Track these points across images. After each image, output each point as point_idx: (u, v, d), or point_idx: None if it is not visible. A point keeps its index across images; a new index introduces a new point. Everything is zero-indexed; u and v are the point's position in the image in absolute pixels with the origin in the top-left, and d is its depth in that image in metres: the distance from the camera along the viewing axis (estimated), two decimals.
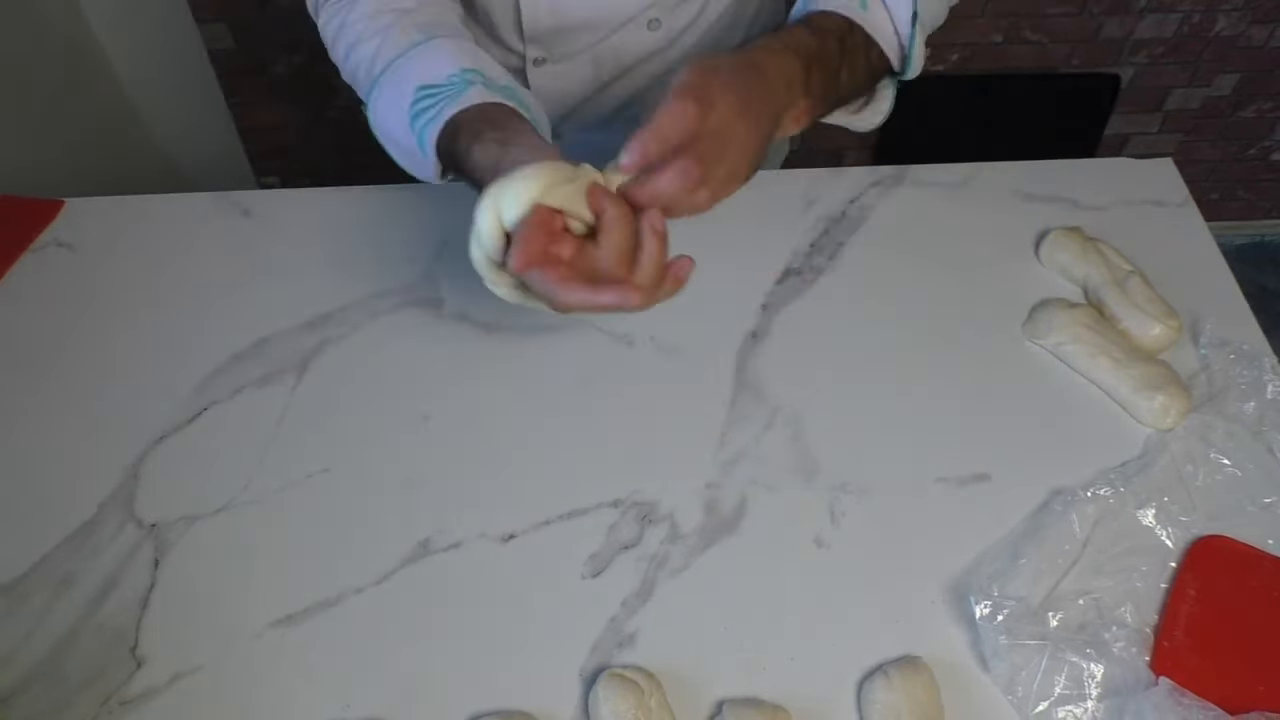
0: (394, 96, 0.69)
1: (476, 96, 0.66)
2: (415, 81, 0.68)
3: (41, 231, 0.86)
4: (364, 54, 0.73)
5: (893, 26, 0.71)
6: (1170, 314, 0.77)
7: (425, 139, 0.67)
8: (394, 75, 0.70)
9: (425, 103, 0.67)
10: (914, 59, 0.72)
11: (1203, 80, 1.88)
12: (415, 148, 0.68)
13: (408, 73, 0.69)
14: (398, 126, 0.69)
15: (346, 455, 0.71)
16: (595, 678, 0.60)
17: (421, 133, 0.67)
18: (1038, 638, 0.60)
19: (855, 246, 0.86)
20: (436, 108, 0.67)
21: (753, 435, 0.73)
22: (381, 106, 0.70)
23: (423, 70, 0.69)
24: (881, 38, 0.70)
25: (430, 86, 0.68)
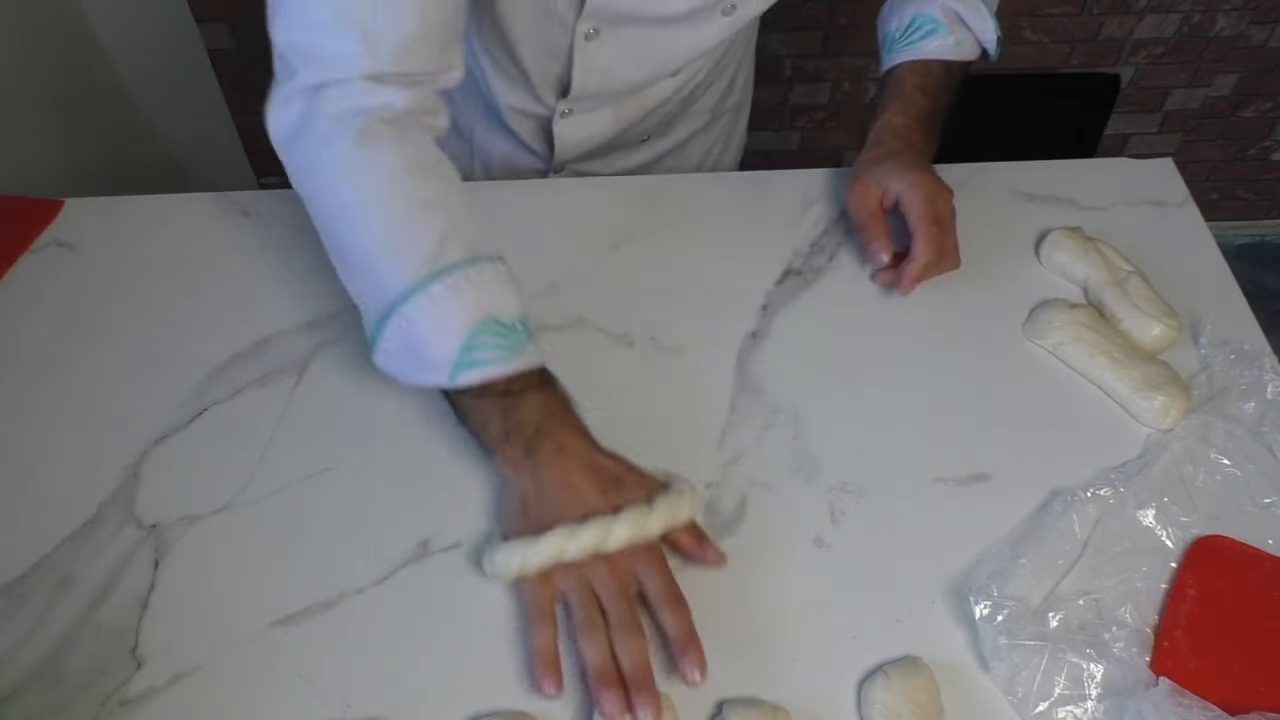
0: (446, 312, 0.63)
1: (535, 356, 0.65)
2: (486, 310, 0.63)
3: (41, 231, 0.86)
4: (409, 228, 0.65)
5: (979, 46, 0.90)
6: (1170, 314, 0.77)
7: (469, 374, 0.63)
8: (451, 289, 0.63)
9: (489, 339, 0.63)
10: (997, 49, 0.90)
11: (1203, 80, 1.88)
12: (443, 367, 0.63)
13: (470, 295, 0.64)
14: (435, 344, 0.63)
15: (346, 455, 0.71)
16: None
17: (469, 365, 0.63)
18: (1037, 638, 0.60)
19: (855, 247, 0.86)
20: (500, 351, 0.63)
21: (753, 435, 0.73)
22: (422, 313, 0.63)
23: (490, 299, 0.64)
24: (973, 56, 0.89)
25: (499, 324, 0.64)
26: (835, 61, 1.76)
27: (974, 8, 0.88)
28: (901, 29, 0.88)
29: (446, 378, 0.64)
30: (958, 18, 0.87)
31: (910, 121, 0.85)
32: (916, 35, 0.87)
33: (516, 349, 0.64)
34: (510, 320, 0.65)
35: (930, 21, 0.87)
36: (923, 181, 0.79)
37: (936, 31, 0.87)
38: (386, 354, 0.66)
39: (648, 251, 0.85)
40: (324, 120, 0.65)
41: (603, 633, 0.60)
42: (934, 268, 0.78)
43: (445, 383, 0.64)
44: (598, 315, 0.80)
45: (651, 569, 0.62)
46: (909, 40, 0.87)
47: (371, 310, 0.66)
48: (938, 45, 0.87)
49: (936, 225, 0.78)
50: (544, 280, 0.82)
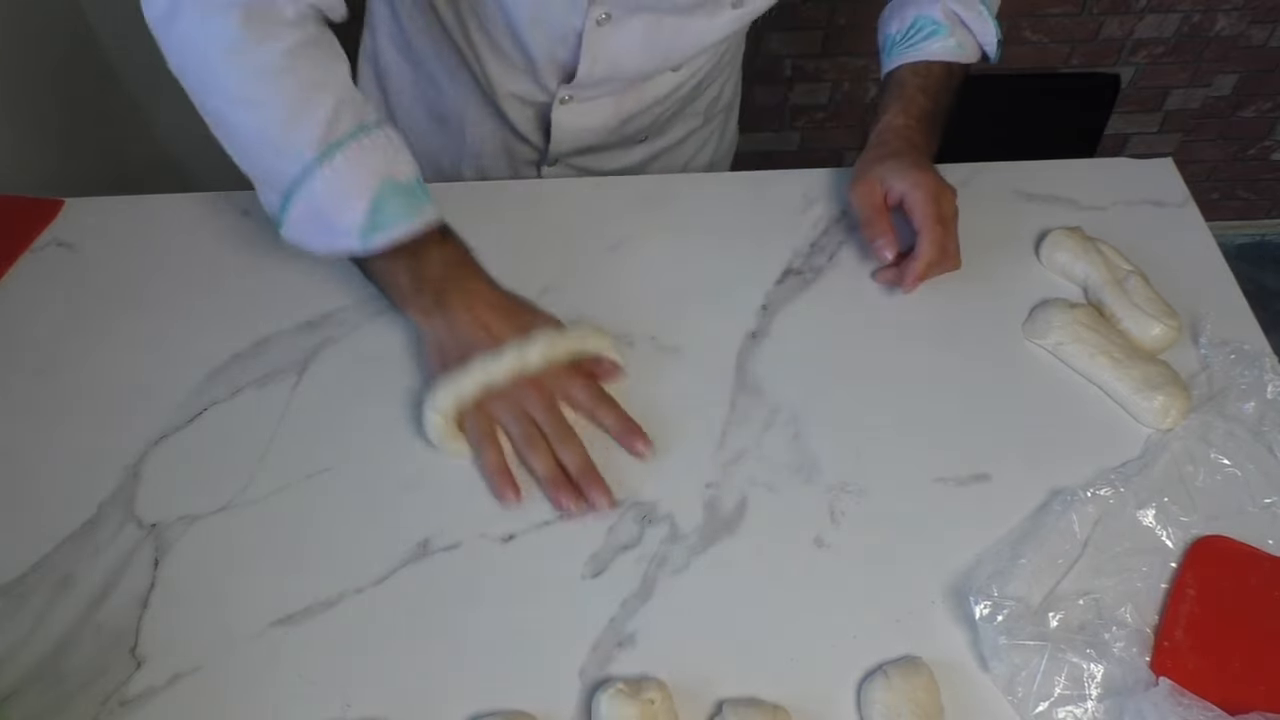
0: (351, 178, 0.68)
1: (433, 213, 0.71)
2: (382, 172, 0.69)
3: (41, 231, 0.86)
4: (299, 110, 0.68)
5: (980, 48, 0.91)
6: (1170, 314, 0.77)
7: (379, 235, 0.69)
8: (351, 157, 0.68)
9: (393, 200, 0.69)
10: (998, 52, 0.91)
11: (1203, 80, 1.88)
12: (354, 232, 0.68)
13: (370, 160, 0.68)
14: (345, 211, 0.68)
15: (346, 455, 0.71)
16: (596, 678, 0.60)
17: (375, 225, 0.68)
18: (1037, 638, 0.60)
19: (855, 246, 0.86)
20: (404, 210, 0.69)
21: (753, 435, 0.73)
22: (328, 184, 0.68)
23: (389, 163, 0.70)
24: (974, 58, 0.90)
25: (398, 184, 0.69)
26: (835, 61, 1.76)
27: (974, 10, 0.88)
28: (902, 31, 0.89)
29: (358, 243, 0.69)
30: (958, 20, 0.88)
31: (912, 122, 0.85)
32: (917, 37, 0.88)
33: (417, 207, 0.70)
34: (407, 180, 0.70)
35: (931, 23, 0.88)
36: (927, 181, 0.80)
37: (937, 33, 0.87)
38: (294, 226, 0.70)
39: (647, 251, 0.85)
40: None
41: (543, 444, 0.68)
42: (936, 267, 0.79)
43: (357, 248, 0.69)
44: (597, 315, 0.80)
45: (573, 381, 0.70)
46: (910, 42, 0.88)
47: (273, 187, 0.70)
48: (938, 46, 0.87)
49: (941, 225, 0.78)
50: (543, 280, 0.82)
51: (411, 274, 0.72)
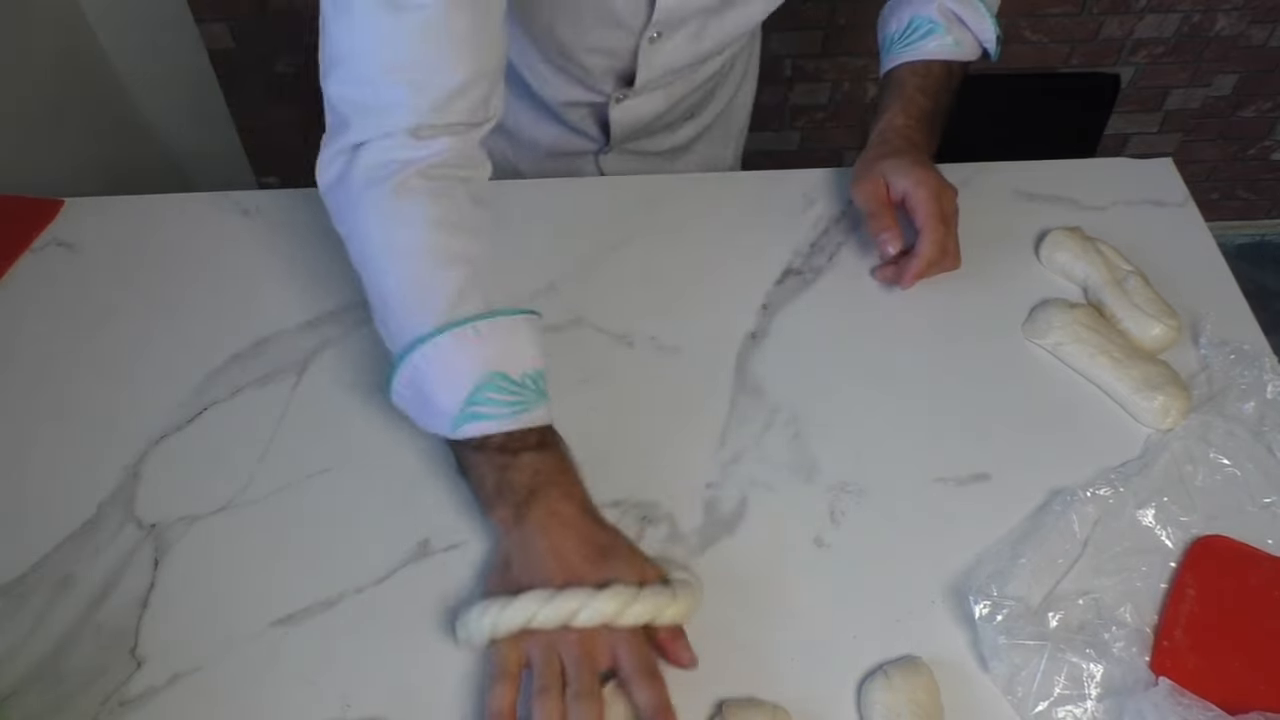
0: (457, 359, 0.63)
1: (542, 415, 0.64)
2: (494, 364, 0.63)
3: (41, 231, 0.86)
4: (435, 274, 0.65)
5: (979, 46, 0.90)
6: (1170, 314, 0.77)
7: (466, 424, 0.63)
8: (464, 339, 0.63)
9: (495, 394, 0.63)
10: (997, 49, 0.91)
11: (1203, 80, 1.88)
12: (447, 416, 0.63)
13: (483, 346, 0.63)
14: (442, 392, 0.63)
15: (346, 455, 0.71)
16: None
17: (472, 415, 0.62)
18: (1037, 638, 0.60)
19: (855, 246, 0.86)
20: (506, 406, 0.63)
21: (753, 435, 0.73)
22: (435, 360, 0.63)
23: (507, 352, 0.64)
24: (973, 55, 0.90)
25: (509, 380, 0.63)
26: (835, 61, 1.76)
27: (972, 8, 0.88)
28: (901, 30, 0.89)
29: (449, 428, 0.63)
30: (956, 18, 0.88)
31: (912, 121, 0.85)
32: (915, 36, 0.88)
33: (522, 406, 0.63)
34: (520, 377, 0.64)
35: (929, 22, 0.87)
36: (929, 179, 0.80)
37: (935, 31, 0.87)
38: (400, 395, 0.66)
39: (648, 251, 0.85)
40: (366, 170, 0.66)
41: (557, 698, 0.57)
42: (936, 266, 0.79)
43: (448, 432, 0.64)
44: (598, 315, 0.80)
45: (627, 645, 0.59)
46: (908, 41, 0.88)
47: (393, 351, 0.66)
48: (936, 45, 0.87)
49: (942, 223, 0.78)
50: (544, 280, 0.82)
51: (498, 477, 0.63)
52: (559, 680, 0.58)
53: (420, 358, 0.63)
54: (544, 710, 0.56)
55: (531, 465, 0.63)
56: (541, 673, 0.58)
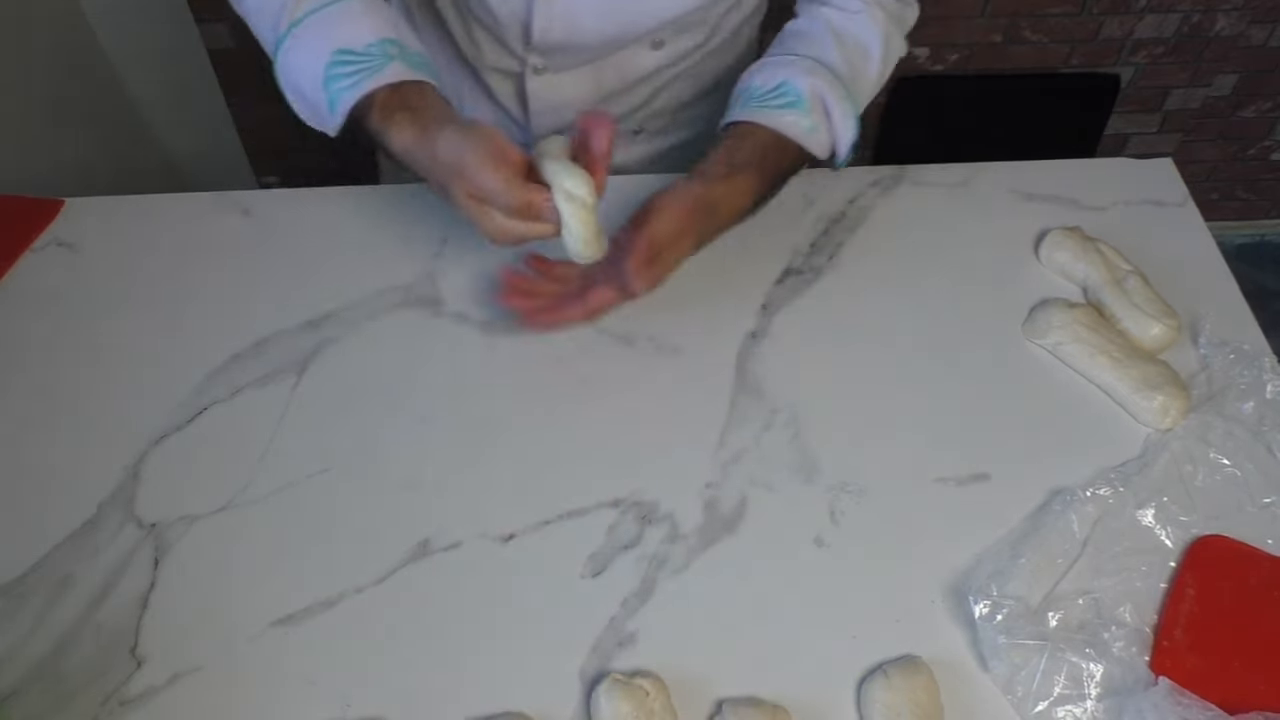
0: (308, 53, 0.71)
1: (394, 74, 0.70)
2: (334, 44, 0.70)
3: (41, 231, 0.86)
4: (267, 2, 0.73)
5: (833, 148, 0.80)
6: (1170, 314, 0.78)
7: (338, 103, 0.70)
8: (310, 31, 0.71)
9: (342, 69, 0.70)
10: (847, 157, 0.82)
11: (1203, 80, 1.88)
12: (323, 107, 0.71)
13: (325, 32, 0.71)
14: (308, 83, 0.71)
15: (346, 455, 0.71)
16: (595, 678, 0.60)
17: (335, 97, 0.70)
18: (1037, 637, 0.60)
19: (855, 246, 0.86)
20: (353, 77, 0.69)
21: (753, 435, 0.73)
22: (293, 60, 0.72)
23: (341, 33, 0.71)
24: (821, 153, 0.79)
25: (349, 52, 0.70)
26: None
27: (842, 102, 0.78)
28: (766, 89, 0.78)
29: (331, 119, 0.71)
30: (823, 105, 0.78)
31: (735, 179, 0.76)
32: (777, 101, 0.77)
33: (370, 71, 0.69)
34: (364, 48, 0.70)
35: (795, 93, 0.77)
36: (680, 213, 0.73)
37: (797, 106, 0.77)
38: (298, 111, 0.74)
39: None
40: None
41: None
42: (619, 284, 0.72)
43: (334, 122, 0.71)
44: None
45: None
46: (766, 103, 0.77)
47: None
48: (792, 120, 0.77)
49: (648, 245, 0.71)
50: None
51: (389, 146, 0.70)
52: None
53: (282, 65, 0.72)
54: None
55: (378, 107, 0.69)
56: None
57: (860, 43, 0.82)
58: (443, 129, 0.67)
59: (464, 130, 0.67)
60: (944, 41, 1.72)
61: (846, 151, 0.80)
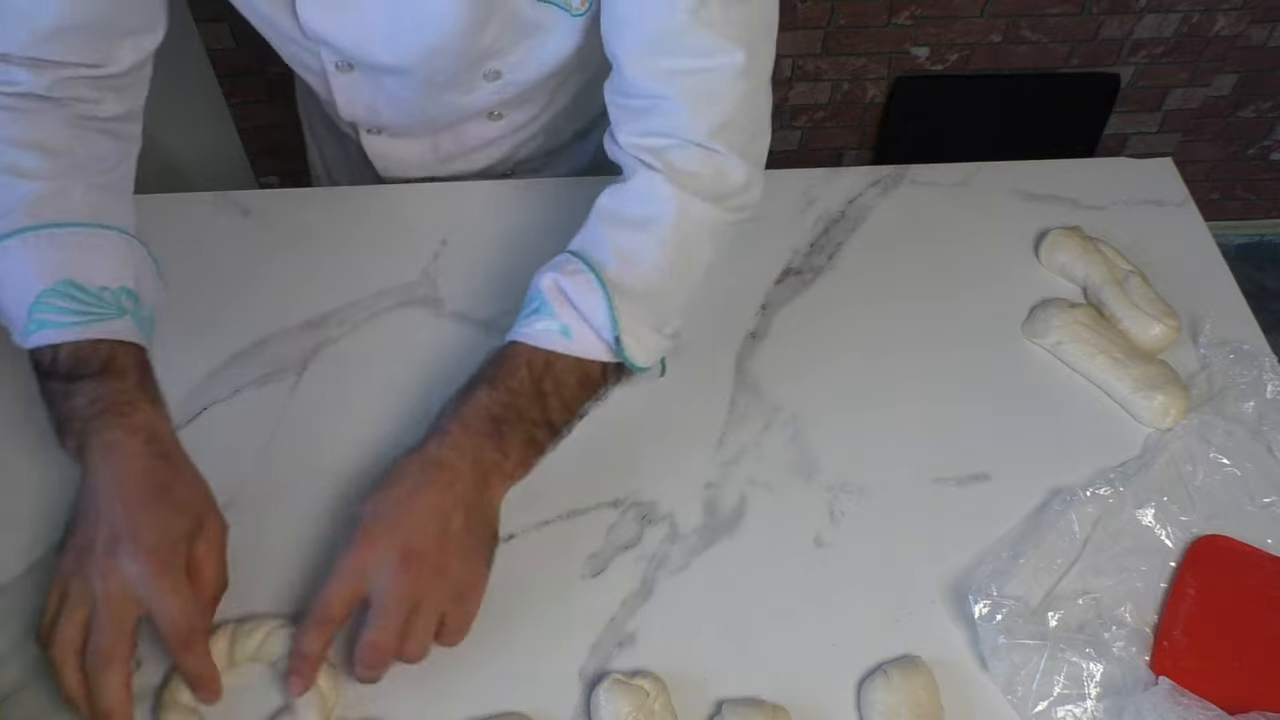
0: (26, 263, 0.61)
1: (119, 331, 0.62)
2: (65, 271, 0.62)
3: None
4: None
5: (600, 340, 0.64)
6: (1170, 313, 0.78)
7: (36, 331, 0.61)
8: (39, 243, 0.62)
9: (63, 302, 0.61)
10: (636, 360, 0.65)
11: (1202, 80, 1.88)
12: (19, 323, 0.61)
13: (59, 253, 0.62)
14: (10, 290, 0.62)
15: (346, 455, 0.71)
16: (595, 678, 0.60)
17: (38, 324, 0.61)
18: (1037, 637, 0.60)
19: (855, 246, 0.86)
20: (75, 317, 0.61)
21: (752, 435, 0.73)
22: (4, 262, 0.62)
23: (82, 262, 0.62)
24: (594, 354, 0.64)
25: (78, 287, 0.61)
26: (835, 61, 1.76)
27: (584, 288, 0.64)
28: (524, 300, 0.68)
29: (22, 337, 0.61)
30: (566, 298, 0.64)
31: (463, 443, 0.61)
32: (527, 310, 0.66)
33: (93, 317, 0.61)
34: (96, 289, 0.62)
35: (539, 298, 0.65)
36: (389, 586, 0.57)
37: (542, 312, 0.65)
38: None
39: None
40: None
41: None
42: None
43: (22, 342, 0.62)
44: None
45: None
46: (523, 316, 0.66)
47: None
48: (543, 328, 0.64)
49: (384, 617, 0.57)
50: None
51: (62, 405, 0.61)
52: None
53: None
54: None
55: (91, 392, 0.60)
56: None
57: (636, 216, 0.68)
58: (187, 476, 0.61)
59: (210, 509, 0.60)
60: (944, 41, 1.72)
61: (618, 348, 0.64)
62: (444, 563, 0.58)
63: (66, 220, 0.63)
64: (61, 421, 0.61)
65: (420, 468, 0.61)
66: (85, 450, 0.59)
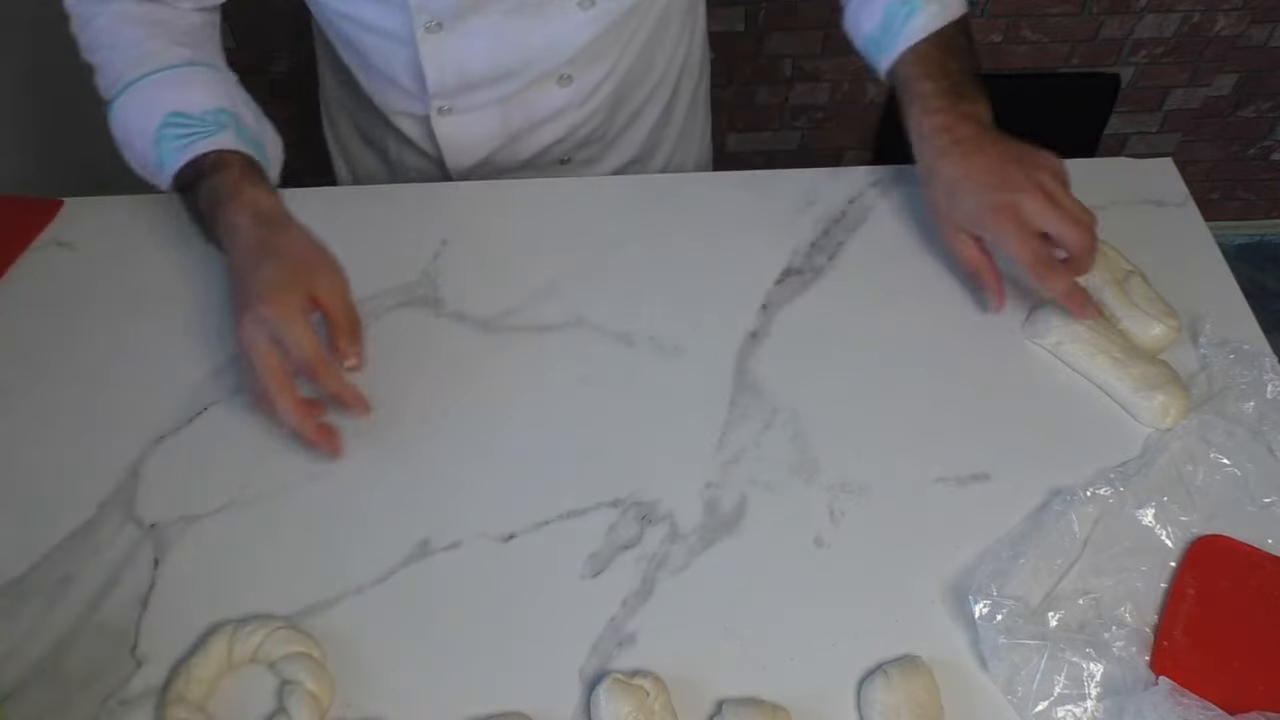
0: (142, 110, 0.76)
1: (224, 142, 0.74)
2: (168, 105, 0.75)
3: (41, 231, 0.86)
4: (115, 56, 0.78)
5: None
6: (1170, 314, 0.77)
7: (168, 162, 0.74)
8: (146, 90, 0.76)
9: (174, 130, 0.74)
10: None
11: (1203, 80, 1.88)
12: (155, 164, 0.76)
13: (162, 94, 0.76)
14: (139, 139, 0.76)
15: (346, 455, 0.71)
16: (595, 678, 0.60)
17: (165, 156, 0.74)
18: (1037, 637, 0.60)
19: (855, 246, 0.86)
20: (185, 140, 0.74)
21: (753, 435, 0.73)
22: (128, 115, 0.77)
23: (178, 96, 0.76)
24: (959, 10, 0.81)
25: (183, 115, 0.74)
26: (835, 61, 1.76)
27: None
28: (878, 26, 0.82)
29: (163, 176, 0.75)
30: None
31: (939, 118, 0.78)
32: (897, 24, 0.80)
33: (200, 135, 0.74)
34: (199, 113, 0.74)
35: (903, 5, 0.80)
36: (1002, 208, 0.73)
37: (914, 11, 0.79)
38: (128, 159, 0.78)
39: (648, 251, 0.85)
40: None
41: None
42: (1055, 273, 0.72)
43: (165, 179, 0.75)
44: (598, 315, 0.80)
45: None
46: (893, 32, 0.81)
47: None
48: (923, 23, 0.79)
49: (1028, 244, 0.72)
50: (544, 280, 0.82)
51: (197, 211, 0.75)
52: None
53: (116, 117, 0.77)
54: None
55: (207, 193, 0.73)
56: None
57: None
58: (289, 231, 0.73)
59: (311, 245, 0.72)
60: None
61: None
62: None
63: (164, 65, 0.76)
64: (200, 225, 0.76)
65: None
66: (219, 239, 0.74)
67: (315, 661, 0.60)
